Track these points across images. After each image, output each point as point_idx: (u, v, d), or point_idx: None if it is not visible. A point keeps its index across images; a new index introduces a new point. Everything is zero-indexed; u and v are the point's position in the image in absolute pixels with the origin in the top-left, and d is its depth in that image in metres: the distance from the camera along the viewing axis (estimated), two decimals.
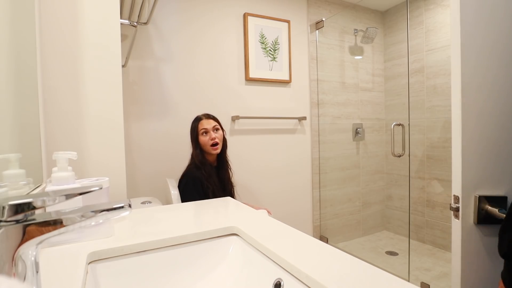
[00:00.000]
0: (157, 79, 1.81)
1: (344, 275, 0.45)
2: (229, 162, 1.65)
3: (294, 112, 2.29)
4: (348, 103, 2.55)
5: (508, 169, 0.91)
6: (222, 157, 1.61)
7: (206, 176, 1.47)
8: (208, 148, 1.51)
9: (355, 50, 2.62)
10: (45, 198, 0.33)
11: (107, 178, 0.69)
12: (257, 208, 1.65)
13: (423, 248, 2.37)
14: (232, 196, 1.63)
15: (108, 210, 0.36)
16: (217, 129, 1.55)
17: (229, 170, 1.64)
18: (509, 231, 0.72)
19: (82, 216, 0.35)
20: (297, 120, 2.30)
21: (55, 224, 0.34)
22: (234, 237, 0.69)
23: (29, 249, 0.34)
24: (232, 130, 2.04)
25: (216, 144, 1.52)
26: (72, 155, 0.65)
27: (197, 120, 1.56)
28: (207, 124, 1.53)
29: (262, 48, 2.12)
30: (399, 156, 2.20)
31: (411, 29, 2.47)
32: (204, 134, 1.52)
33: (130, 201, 0.38)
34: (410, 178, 2.50)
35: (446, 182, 2.27)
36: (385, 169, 2.78)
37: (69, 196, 0.35)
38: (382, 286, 0.41)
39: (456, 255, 0.93)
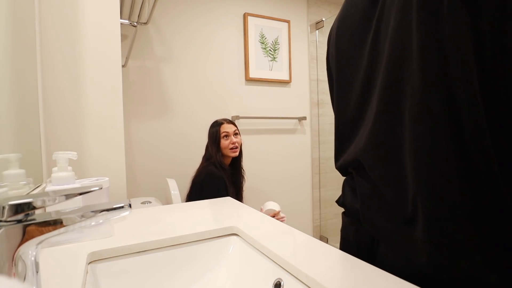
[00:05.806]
0: (157, 79, 1.81)
1: (345, 275, 0.45)
2: (243, 169, 1.67)
3: (294, 112, 2.29)
4: None
5: None
6: (237, 163, 1.64)
7: (228, 178, 1.51)
8: (227, 151, 1.54)
9: None
10: (45, 198, 0.33)
11: (107, 178, 0.69)
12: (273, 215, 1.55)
13: None
14: (241, 200, 1.65)
15: (108, 210, 0.36)
16: (236, 134, 1.59)
17: (243, 176, 1.67)
18: None
19: (82, 216, 0.35)
20: (297, 120, 2.30)
21: (55, 224, 0.34)
22: (234, 237, 0.69)
23: (29, 249, 0.34)
24: None
25: (236, 147, 1.56)
26: (72, 155, 0.65)
27: (218, 124, 1.58)
28: (228, 128, 1.56)
29: (262, 48, 2.12)
30: None
31: None
32: (225, 137, 1.55)
33: (130, 201, 0.38)
34: None
35: None
36: None
37: (69, 196, 0.35)
38: (382, 286, 0.41)
39: None
